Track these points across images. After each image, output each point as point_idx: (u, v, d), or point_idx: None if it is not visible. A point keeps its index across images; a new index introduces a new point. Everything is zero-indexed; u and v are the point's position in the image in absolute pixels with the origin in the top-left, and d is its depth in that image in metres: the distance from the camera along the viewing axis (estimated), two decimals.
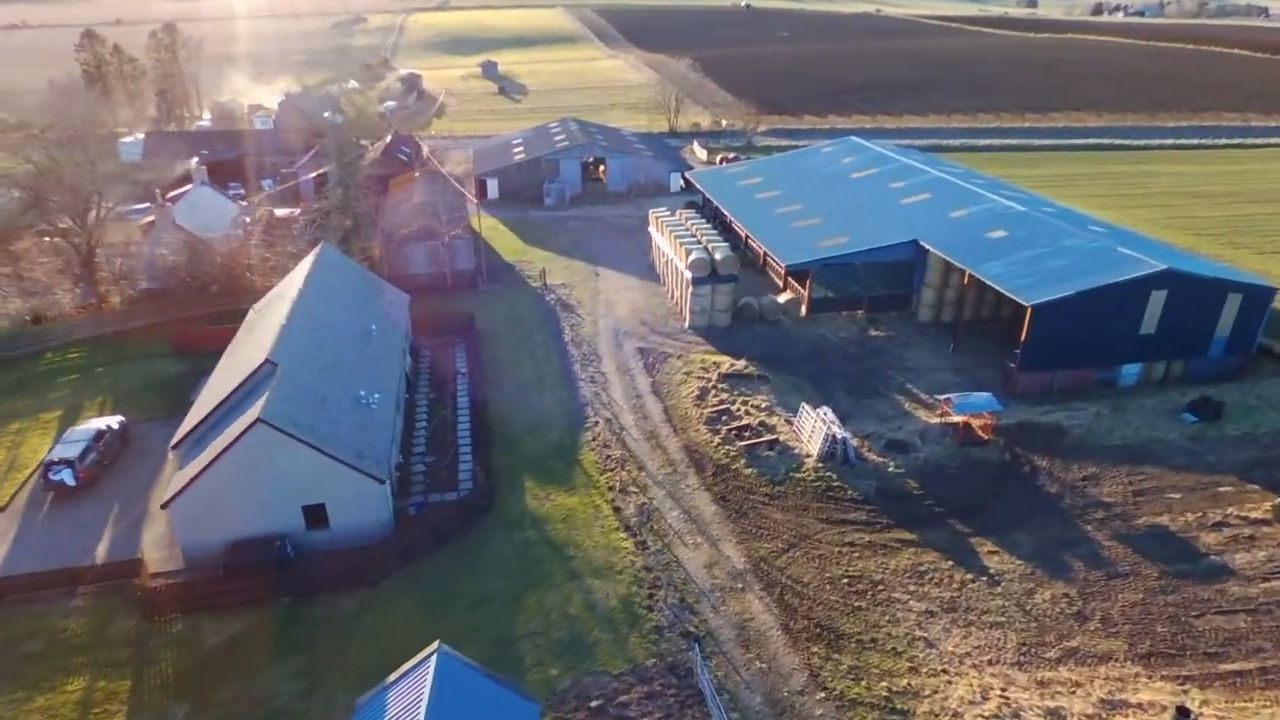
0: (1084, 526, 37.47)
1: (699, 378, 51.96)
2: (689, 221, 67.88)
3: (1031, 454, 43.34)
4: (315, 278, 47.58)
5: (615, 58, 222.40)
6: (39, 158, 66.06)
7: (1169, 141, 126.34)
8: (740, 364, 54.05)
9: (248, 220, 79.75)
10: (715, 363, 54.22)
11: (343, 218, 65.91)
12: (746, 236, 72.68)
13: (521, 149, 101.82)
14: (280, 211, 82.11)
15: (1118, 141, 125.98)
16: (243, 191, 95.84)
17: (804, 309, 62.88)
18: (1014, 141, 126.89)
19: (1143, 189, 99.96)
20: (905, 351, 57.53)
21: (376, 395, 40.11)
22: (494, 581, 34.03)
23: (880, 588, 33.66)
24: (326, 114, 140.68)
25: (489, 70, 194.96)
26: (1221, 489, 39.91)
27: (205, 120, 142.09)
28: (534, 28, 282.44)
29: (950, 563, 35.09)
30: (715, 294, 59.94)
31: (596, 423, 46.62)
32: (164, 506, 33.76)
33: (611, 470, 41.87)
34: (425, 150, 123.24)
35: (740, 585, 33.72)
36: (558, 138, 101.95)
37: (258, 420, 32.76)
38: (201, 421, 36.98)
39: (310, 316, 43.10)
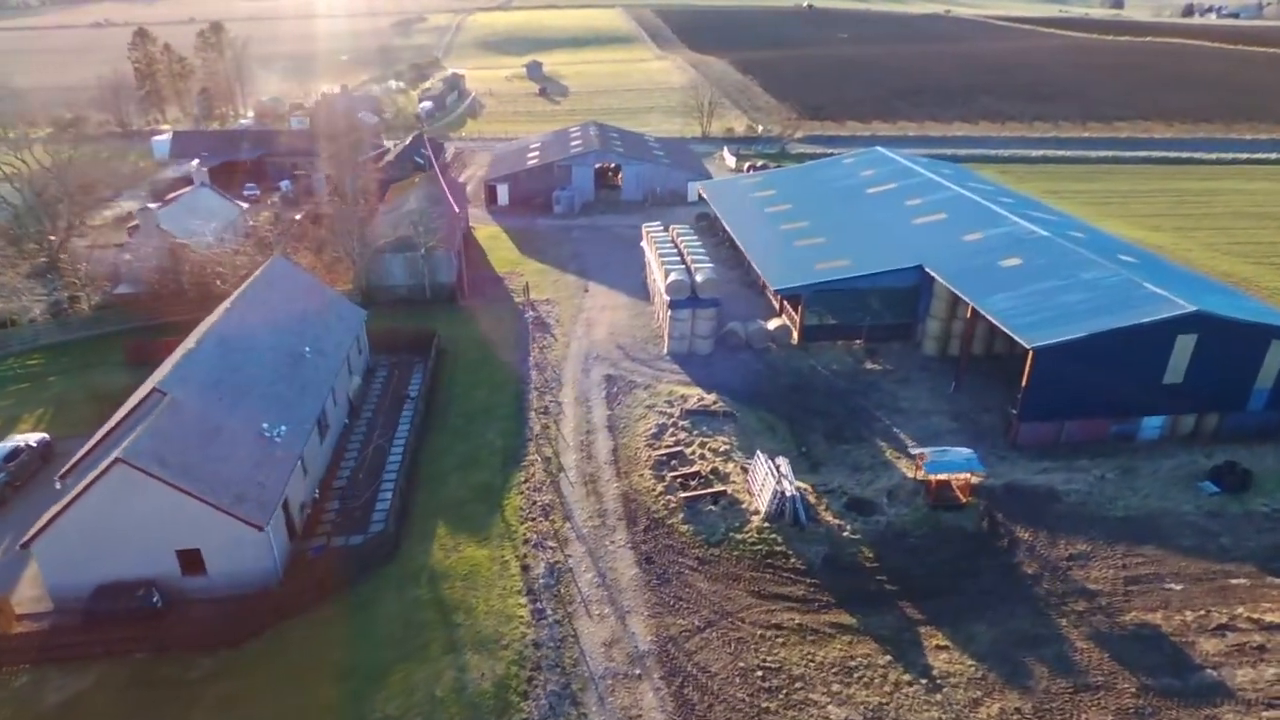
0: (1058, 620, 32.03)
1: (661, 412, 47.78)
2: (680, 238, 63.65)
3: (1015, 523, 37.86)
4: (250, 293, 45.21)
5: (664, 59, 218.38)
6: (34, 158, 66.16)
7: (1244, 156, 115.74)
8: (710, 398, 49.66)
9: (251, 223, 79.02)
10: (683, 395, 49.96)
11: (316, 226, 63.74)
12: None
13: (537, 154, 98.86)
14: (295, 215, 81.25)
15: (1186, 155, 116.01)
16: (258, 193, 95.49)
17: (795, 337, 58.04)
18: (1070, 153, 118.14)
19: (1206, 208, 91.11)
20: (901, 390, 52.23)
21: (283, 428, 37.23)
22: (368, 649, 30.69)
23: (798, 685, 29.04)
24: (361, 114, 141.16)
25: (534, 71, 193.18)
26: (1234, 581, 33.83)
27: (246, 119, 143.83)
28: (590, 28, 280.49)
29: (888, 658, 30.20)
30: (696, 319, 55.62)
31: (534, 461, 42.93)
32: (23, 546, 31.46)
33: (534, 520, 38.10)
34: (451, 152, 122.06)
35: (638, 672, 29.56)
36: (574, 143, 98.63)
37: (116, 459, 30.13)
38: (89, 451, 34.71)
39: (227, 337, 40.60)
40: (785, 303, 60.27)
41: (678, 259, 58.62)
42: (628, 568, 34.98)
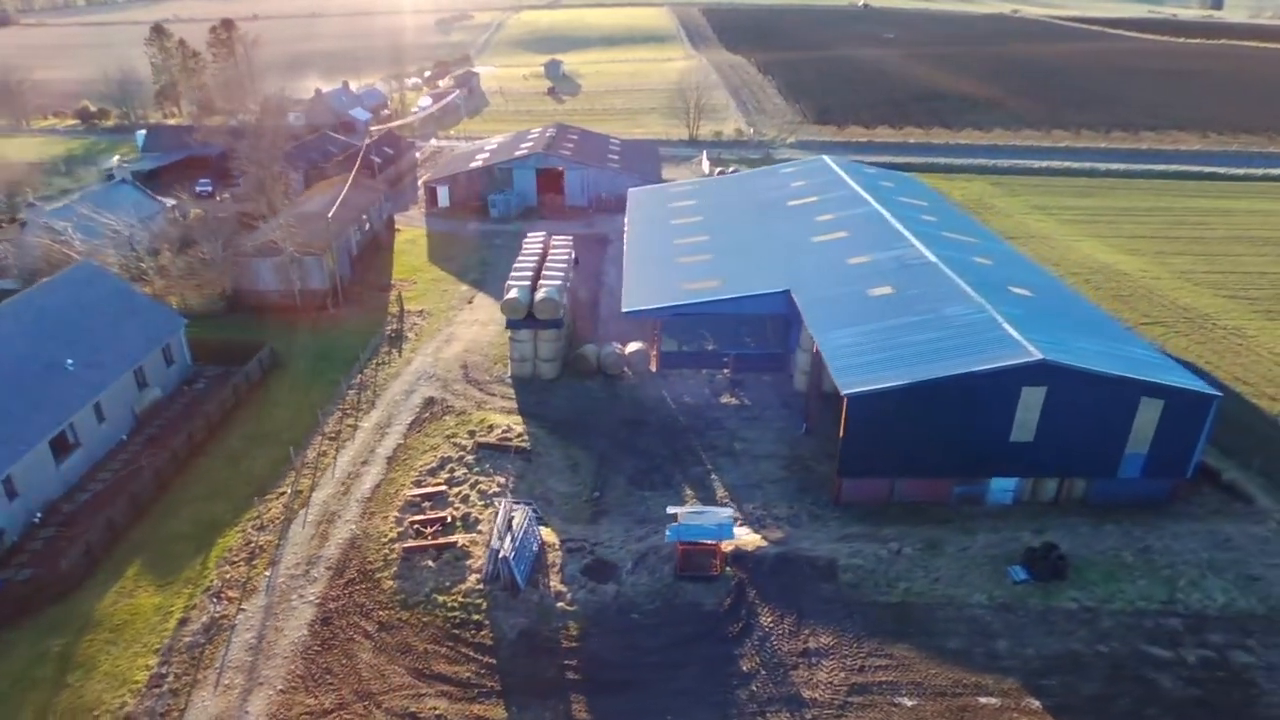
0: None
1: (456, 444, 43.89)
2: (553, 250, 59.57)
3: (766, 603, 32.55)
4: (27, 299, 43.37)
5: (691, 58, 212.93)
6: None
7: (1276, 172, 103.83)
8: (516, 430, 45.49)
9: (175, 219, 78.46)
10: (493, 425, 45.94)
11: (174, 226, 62.10)
12: None
13: (486, 155, 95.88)
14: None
15: (1209, 170, 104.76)
16: (210, 189, 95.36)
17: (652, 363, 53.26)
18: (1078, 165, 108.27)
19: (1202, 231, 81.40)
20: (747, 429, 47.05)
21: None
22: None
23: None
24: (353, 110, 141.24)
25: (552, 69, 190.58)
26: (982, 700, 27.85)
27: (245, 115, 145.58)
28: (629, 26, 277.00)
29: None
30: (538, 340, 51.47)
31: (283, 495, 39.64)
32: None
33: (233, 564, 34.81)
34: (428, 152, 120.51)
35: None
36: (525, 145, 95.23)
37: None
38: None
39: None
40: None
41: (528, 274, 54.45)
42: (298, 629, 31.31)
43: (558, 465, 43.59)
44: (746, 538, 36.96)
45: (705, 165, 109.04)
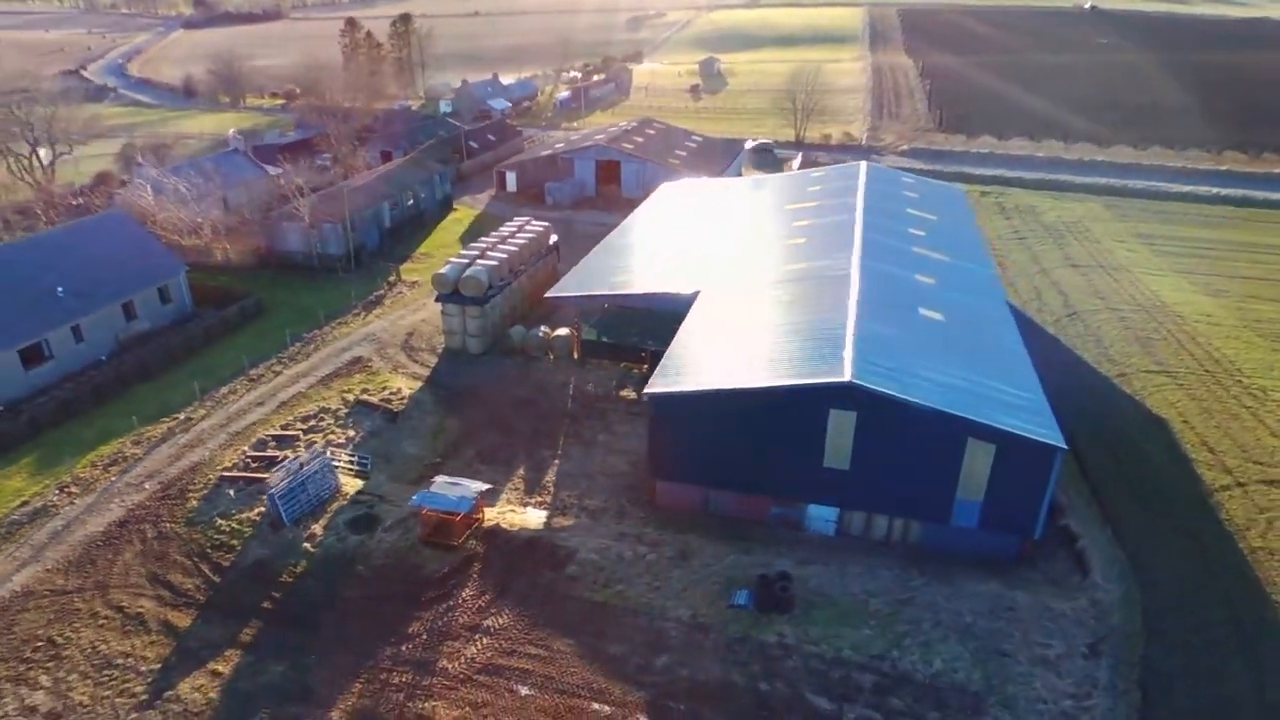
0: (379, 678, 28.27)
1: (344, 399, 48.12)
2: (522, 232, 62.29)
3: (480, 579, 33.40)
4: (40, 238, 53.19)
5: (859, 60, 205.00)
6: None
7: None
8: (406, 394, 48.86)
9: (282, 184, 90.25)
10: (389, 387, 49.70)
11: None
12: None
13: (560, 145, 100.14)
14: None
15: None
16: (328, 163, 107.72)
17: (573, 351, 54.41)
18: (1227, 191, 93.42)
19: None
20: (623, 423, 47.48)
21: None
22: None
23: (55, 659, 29.14)
24: (491, 101, 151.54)
25: (707, 67, 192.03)
26: (595, 706, 27.11)
27: (405, 101, 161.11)
28: (809, 26, 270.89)
29: (157, 665, 29.00)
30: (465, 316, 54.47)
31: (176, 419, 45.78)
32: None
33: (95, 468, 41.17)
34: (530, 141, 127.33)
35: None
36: (596, 136, 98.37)
37: None
38: None
39: None
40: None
41: (475, 253, 57.49)
42: (96, 525, 36.87)
43: (421, 430, 46.36)
44: (518, 517, 37.77)
45: (795, 167, 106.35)
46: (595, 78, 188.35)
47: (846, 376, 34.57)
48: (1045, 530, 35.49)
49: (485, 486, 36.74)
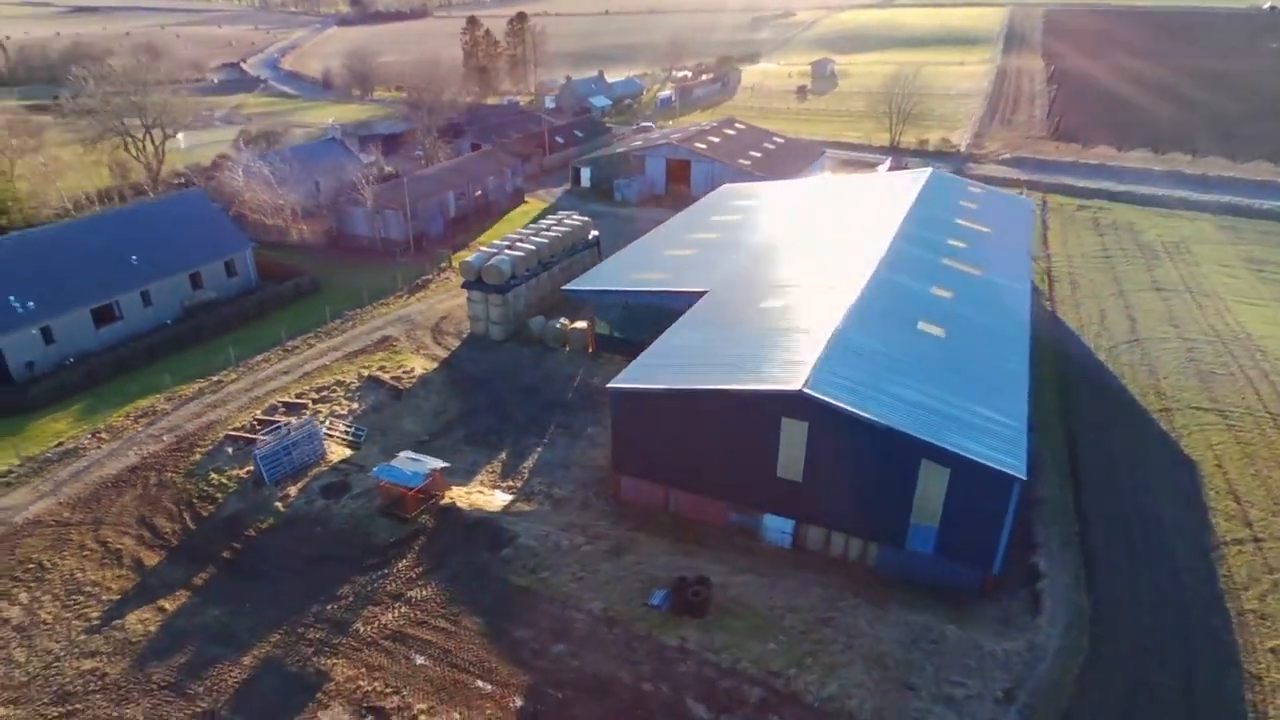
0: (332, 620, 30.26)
1: (359, 374, 51.03)
2: (558, 225, 63.71)
3: (421, 552, 34.83)
4: (126, 212, 59.36)
5: (985, 64, 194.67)
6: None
7: None
8: (419, 374, 51.26)
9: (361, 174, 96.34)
10: (405, 366, 52.30)
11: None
12: None
13: (639, 142, 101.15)
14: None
15: None
16: (422, 154, 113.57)
17: (588, 344, 55.29)
18: None
19: None
20: None
21: (32, 304, 50.16)
22: None
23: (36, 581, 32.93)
24: (592, 99, 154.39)
25: (820, 68, 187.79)
26: (479, 684, 27.78)
27: (514, 97, 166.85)
28: (942, 27, 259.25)
29: (117, 597, 32.14)
30: (488, 303, 56.44)
31: (210, 380, 49.97)
32: None
33: (129, 419, 45.61)
34: (619, 137, 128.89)
35: None
36: (673, 135, 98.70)
37: None
38: None
39: (63, 240, 55.05)
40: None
41: (506, 244, 59.32)
42: (112, 469, 40.91)
43: (424, 408, 48.53)
44: (481, 499, 39.00)
45: (883, 171, 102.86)
46: (704, 77, 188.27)
47: (798, 385, 33.61)
48: (1004, 564, 33.19)
49: (443, 465, 38.17)
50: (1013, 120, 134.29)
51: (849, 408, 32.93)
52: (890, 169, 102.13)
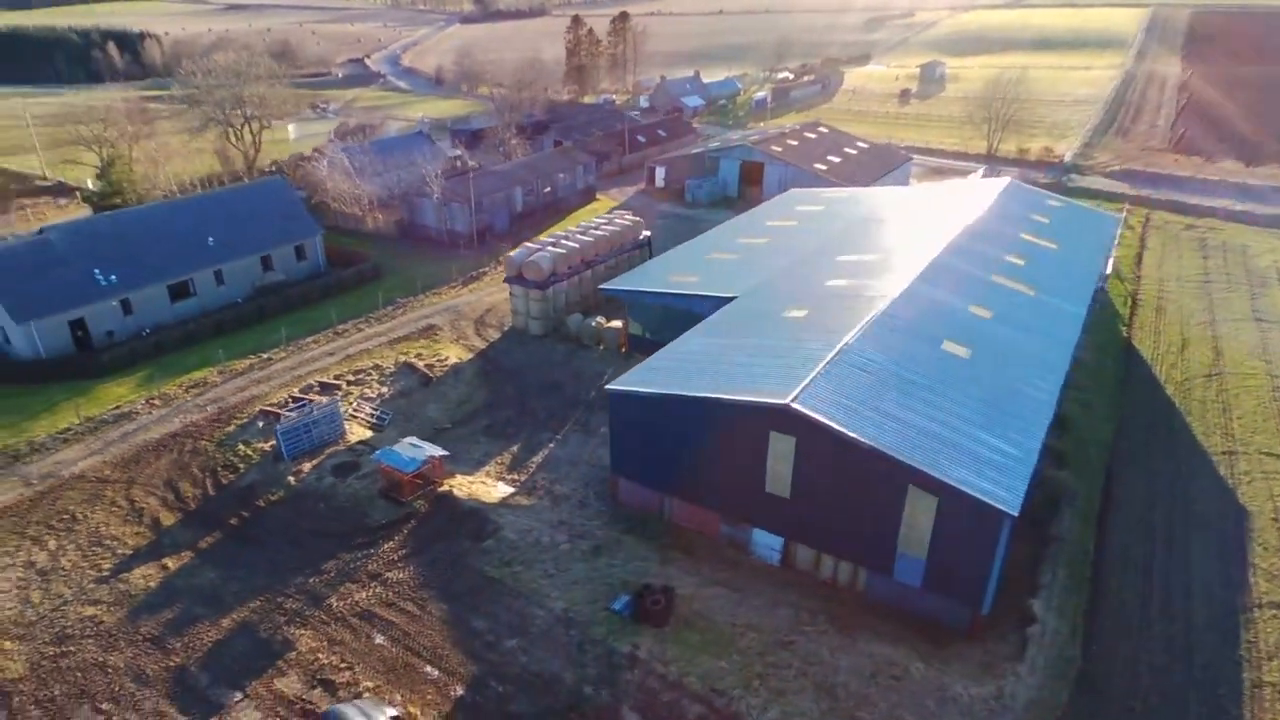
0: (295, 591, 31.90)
1: (397, 358, 53.02)
2: (607, 224, 64.06)
3: (410, 535, 35.90)
4: (212, 196, 63.85)
5: (1112, 69, 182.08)
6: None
7: None
8: (452, 363, 52.81)
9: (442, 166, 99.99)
10: (440, 354, 54.01)
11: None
12: None
13: (717, 144, 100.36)
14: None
15: None
16: (503, 150, 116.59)
17: (621, 344, 55.45)
18: None
19: None
20: None
21: (114, 277, 54.88)
22: None
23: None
24: (684, 98, 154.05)
25: (929, 72, 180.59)
26: (426, 669, 28.32)
27: (608, 95, 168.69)
28: (1075, 29, 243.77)
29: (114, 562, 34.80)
30: (528, 299, 57.48)
31: (259, 358, 53.13)
32: None
33: (183, 388, 49.12)
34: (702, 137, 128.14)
35: None
36: (750, 136, 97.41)
37: None
38: None
39: (149, 220, 59.76)
40: None
41: (551, 240, 60.13)
42: (156, 434, 44.11)
43: (451, 397, 49.97)
44: (481, 489, 39.83)
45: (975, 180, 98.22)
46: (805, 79, 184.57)
47: (786, 399, 32.59)
48: (997, 604, 31.13)
49: (442, 453, 39.16)
50: (1131, 130, 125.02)
51: (835, 425, 31.66)
52: (984, 178, 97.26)
